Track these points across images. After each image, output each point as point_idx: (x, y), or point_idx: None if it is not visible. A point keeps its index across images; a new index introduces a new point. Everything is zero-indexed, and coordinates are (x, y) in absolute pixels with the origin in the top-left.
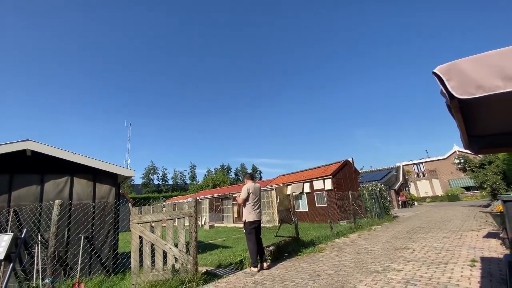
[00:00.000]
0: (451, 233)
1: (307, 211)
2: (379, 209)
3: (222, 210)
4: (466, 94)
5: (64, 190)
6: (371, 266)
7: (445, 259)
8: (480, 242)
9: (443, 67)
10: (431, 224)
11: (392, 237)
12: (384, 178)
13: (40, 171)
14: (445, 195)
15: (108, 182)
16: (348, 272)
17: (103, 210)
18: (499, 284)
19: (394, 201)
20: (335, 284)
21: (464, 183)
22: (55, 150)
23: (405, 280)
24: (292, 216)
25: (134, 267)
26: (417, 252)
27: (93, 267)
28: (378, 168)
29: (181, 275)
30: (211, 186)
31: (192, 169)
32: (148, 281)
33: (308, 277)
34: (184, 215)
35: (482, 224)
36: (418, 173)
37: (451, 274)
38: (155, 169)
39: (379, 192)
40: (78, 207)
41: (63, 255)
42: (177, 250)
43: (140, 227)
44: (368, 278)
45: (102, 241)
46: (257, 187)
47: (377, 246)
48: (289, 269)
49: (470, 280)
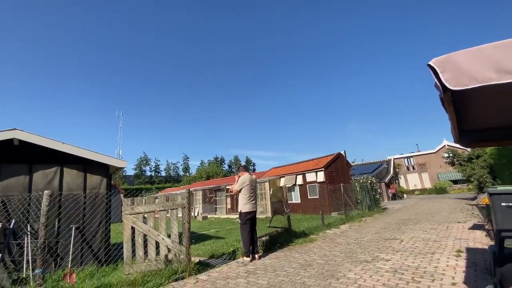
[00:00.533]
0: (438, 225)
1: (300, 202)
2: (369, 201)
3: (215, 202)
4: (460, 85)
5: (53, 180)
6: (361, 256)
7: (431, 249)
8: (466, 234)
9: (438, 59)
10: (419, 216)
11: (381, 228)
12: (375, 171)
13: (28, 161)
14: (433, 188)
15: (99, 173)
16: (339, 262)
17: (94, 201)
18: (483, 274)
19: (384, 193)
20: (325, 273)
21: (452, 177)
22: (43, 139)
23: (393, 269)
24: (284, 207)
25: (126, 257)
26: (405, 243)
27: (84, 257)
28: (369, 161)
29: (174, 265)
30: (204, 178)
31: (185, 160)
32: (140, 271)
33: (300, 267)
34: (177, 206)
35: (468, 216)
36: (408, 167)
37: (437, 263)
38: (147, 160)
39: (370, 184)
40: (68, 198)
41: (54, 245)
42: (170, 240)
43: (132, 218)
44: (357, 268)
45: (94, 232)
46: (253, 179)
47: (367, 237)
48: (281, 259)
49: (456, 269)
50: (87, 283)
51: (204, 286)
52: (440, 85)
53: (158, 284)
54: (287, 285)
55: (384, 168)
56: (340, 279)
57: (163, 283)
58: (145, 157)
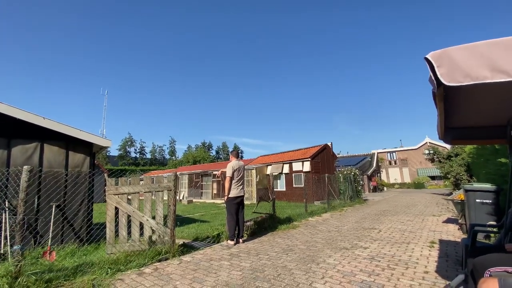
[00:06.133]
0: (415, 217)
1: (285, 190)
2: (351, 192)
3: (201, 186)
4: (454, 81)
5: (33, 156)
6: (341, 243)
7: (407, 240)
8: (440, 226)
9: (435, 53)
10: (397, 208)
11: (361, 218)
12: (359, 163)
13: (6, 135)
14: (412, 183)
15: (82, 151)
16: (319, 248)
17: (76, 179)
18: (454, 264)
19: (365, 185)
20: (306, 258)
21: (430, 173)
22: (24, 113)
23: (370, 256)
24: (270, 194)
25: (109, 237)
26: (383, 233)
27: (65, 236)
28: (354, 154)
29: (158, 246)
30: (191, 163)
31: (172, 144)
32: (123, 251)
33: (282, 251)
34: (163, 188)
35: (443, 210)
36: (391, 161)
37: (412, 253)
38: (132, 141)
39: (353, 176)
40: (49, 175)
41: (33, 222)
42: (155, 222)
43: (116, 198)
44: (337, 254)
45: (75, 211)
46: (241, 165)
47: (347, 226)
48: (264, 243)
49: (428, 259)
50: (67, 260)
51: (188, 267)
52: (434, 80)
53: (141, 264)
54: (269, 268)
55: (367, 161)
56: (320, 264)
57: (146, 263)
58: (130, 138)
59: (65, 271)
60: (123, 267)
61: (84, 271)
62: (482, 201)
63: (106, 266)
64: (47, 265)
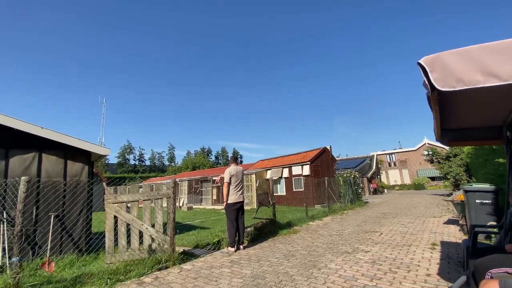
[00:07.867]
0: (415, 219)
1: (285, 195)
2: (352, 195)
3: (201, 193)
4: (447, 86)
5: (31, 166)
6: (342, 247)
7: (408, 242)
8: (441, 228)
9: (428, 58)
10: (398, 210)
11: (362, 221)
12: (359, 166)
13: (4, 145)
14: (412, 184)
15: (80, 160)
16: (320, 253)
17: (75, 188)
18: (456, 266)
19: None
20: (308, 264)
21: (430, 174)
22: (22, 123)
23: (372, 260)
24: (270, 199)
25: (108, 246)
26: (384, 235)
27: (64, 246)
28: (353, 156)
29: (157, 254)
30: (190, 169)
31: (171, 150)
32: (123, 260)
33: (283, 257)
34: (162, 196)
35: (443, 212)
36: (390, 163)
37: (413, 255)
38: (131, 148)
39: (353, 179)
40: (47, 185)
41: (32, 233)
42: (154, 230)
43: (115, 206)
44: (338, 258)
45: (74, 221)
46: (240, 170)
47: (348, 229)
48: (265, 249)
49: (430, 261)
50: (66, 271)
51: (188, 275)
52: (428, 84)
53: (141, 273)
54: (271, 274)
55: (367, 163)
56: (321, 269)
57: (146, 272)
58: (129, 145)
59: (64, 283)
60: (123, 277)
61: (83, 282)
62: (481, 202)
63: (106, 277)
64: (46, 276)
